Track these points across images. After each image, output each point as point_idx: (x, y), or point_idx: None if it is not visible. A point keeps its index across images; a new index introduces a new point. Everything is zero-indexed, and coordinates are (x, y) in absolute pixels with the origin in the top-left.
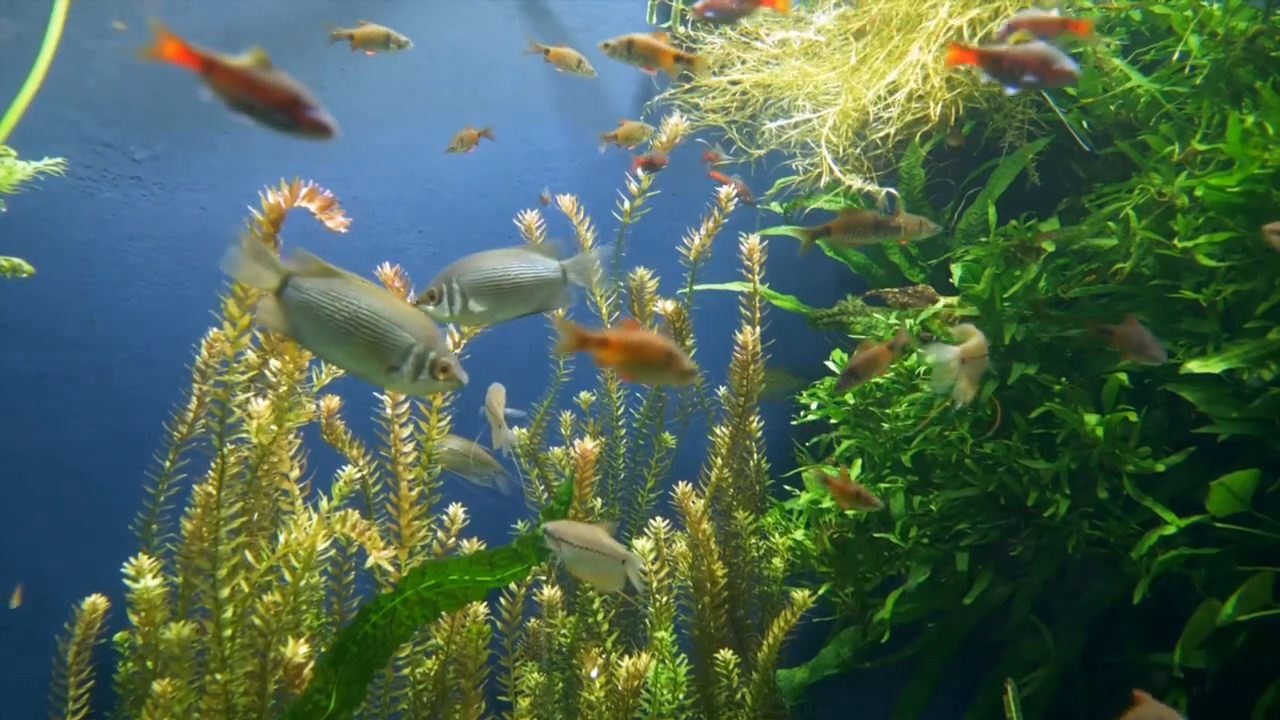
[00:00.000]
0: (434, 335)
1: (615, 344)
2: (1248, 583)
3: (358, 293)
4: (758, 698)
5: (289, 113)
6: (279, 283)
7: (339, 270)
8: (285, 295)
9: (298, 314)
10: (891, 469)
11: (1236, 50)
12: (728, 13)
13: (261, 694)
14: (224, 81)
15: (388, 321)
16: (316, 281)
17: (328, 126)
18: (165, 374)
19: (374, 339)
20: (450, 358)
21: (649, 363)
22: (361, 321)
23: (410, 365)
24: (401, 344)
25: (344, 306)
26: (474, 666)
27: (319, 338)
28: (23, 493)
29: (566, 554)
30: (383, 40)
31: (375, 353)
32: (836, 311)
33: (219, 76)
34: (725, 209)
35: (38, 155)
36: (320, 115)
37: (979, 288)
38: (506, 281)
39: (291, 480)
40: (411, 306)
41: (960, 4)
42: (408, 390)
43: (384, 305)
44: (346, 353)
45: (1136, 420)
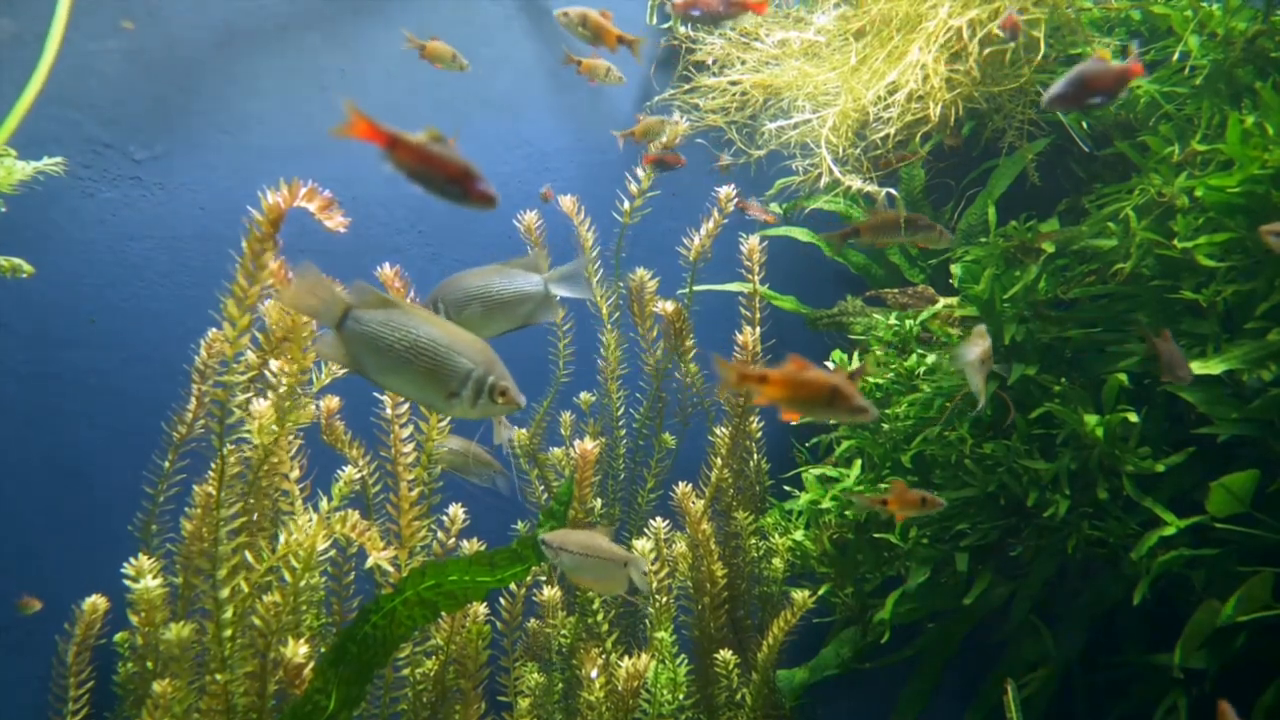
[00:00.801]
0: (491, 359)
1: (776, 381)
2: (1247, 583)
3: (416, 321)
4: (757, 698)
5: (461, 185)
6: (339, 316)
7: (397, 300)
8: (345, 328)
9: (358, 346)
10: (891, 469)
11: (1236, 51)
12: (712, 15)
13: (261, 694)
14: (404, 156)
15: (446, 349)
16: (375, 313)
17: (493, 198)
18: (165, 374)
19: (433, 366)
20: (508, 380)
21: (814, 399)
22: (421, 350)
23: (470, 390)
24: (461, 370)
25: (403, 336)
26: (474, 667)
27: (380, 368)
28: (23, 493)
29: (566, 562)
30: (449, 57)
31: (435, 380)
32: (836, 312)
33: (400, 152)
34: (725, 209)
35: (38, 155)
36: (487, 188)
37: (979, 288)
38: (489, 298)
39: (291, 480)
40: (468, 333)
41: (960, 4)
42: (469, 415)
43: (441, 333)
44: (407, 381)
45: (1136, 420)
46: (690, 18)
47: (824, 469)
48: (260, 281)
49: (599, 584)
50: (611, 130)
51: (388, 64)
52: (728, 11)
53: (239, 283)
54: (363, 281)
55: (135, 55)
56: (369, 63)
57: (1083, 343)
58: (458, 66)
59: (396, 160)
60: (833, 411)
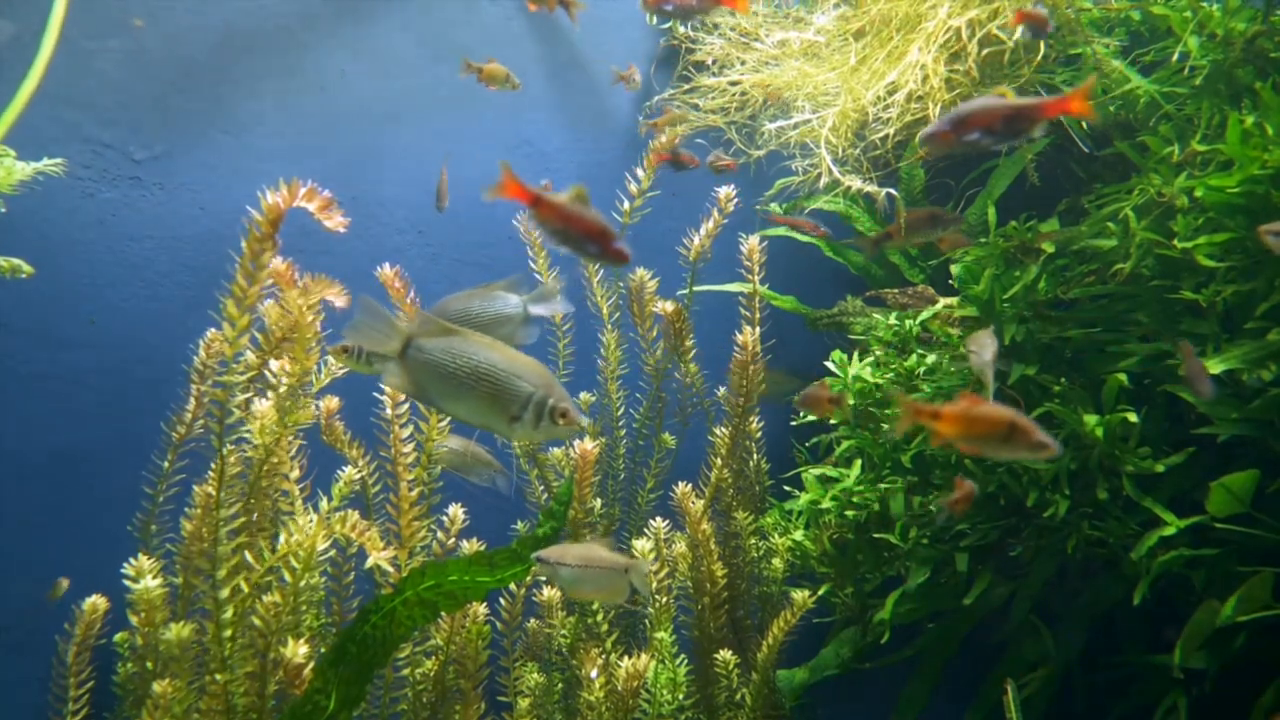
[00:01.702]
0: (551, 382)
1: (950, 417)
2: (1247, 583)
3: (476, 348)
4: (757, 698)
5: (599, 243)
6: (401, 345)
7: (456, 328)
8: (409, 357)
9: (421, 374)
10: (891, 469)
11: (1236, 51)
12: (687, 9)
13: (261, 694)
14: (547, 214)
15: (507, 373)
16: (436, 341)
17: (628, 256)
18: (165, 374)
19: (495, 391)
20: (569, 402)
21: (991, 435)
22: (482, 375)
23: (531, 413)
24: (522, 393)
25: (465, 363)
26: (474, 667)
27: (444, 394)
28: (23, 493)
29: (565, 577)
30: (503, 78)
31: (497, 404)
32: (836, 312)
33: (544, 211)
34: (725, 209)
35: (37, 155)
36: (622, 246)
37: (979, 288)
38: (469, 321)
39: (291, 481)
40: (527, 356)
41: (960, 5)
42: (531, 437)
43: (502, 358)
44: (470, 407)
45: (1136, 421)
46: (664, 11)
47: (824, 469)
48: (260, 281)
49: (601, 594)
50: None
51: (388, 64)
52: (700, 6)
53: (238, 283)
54: (424, 311)
55: (135, 55)
56: (369, 63)
57: (1083, 343)
58: (510, 86)
59: (539, 218)
60: (1011, 448)
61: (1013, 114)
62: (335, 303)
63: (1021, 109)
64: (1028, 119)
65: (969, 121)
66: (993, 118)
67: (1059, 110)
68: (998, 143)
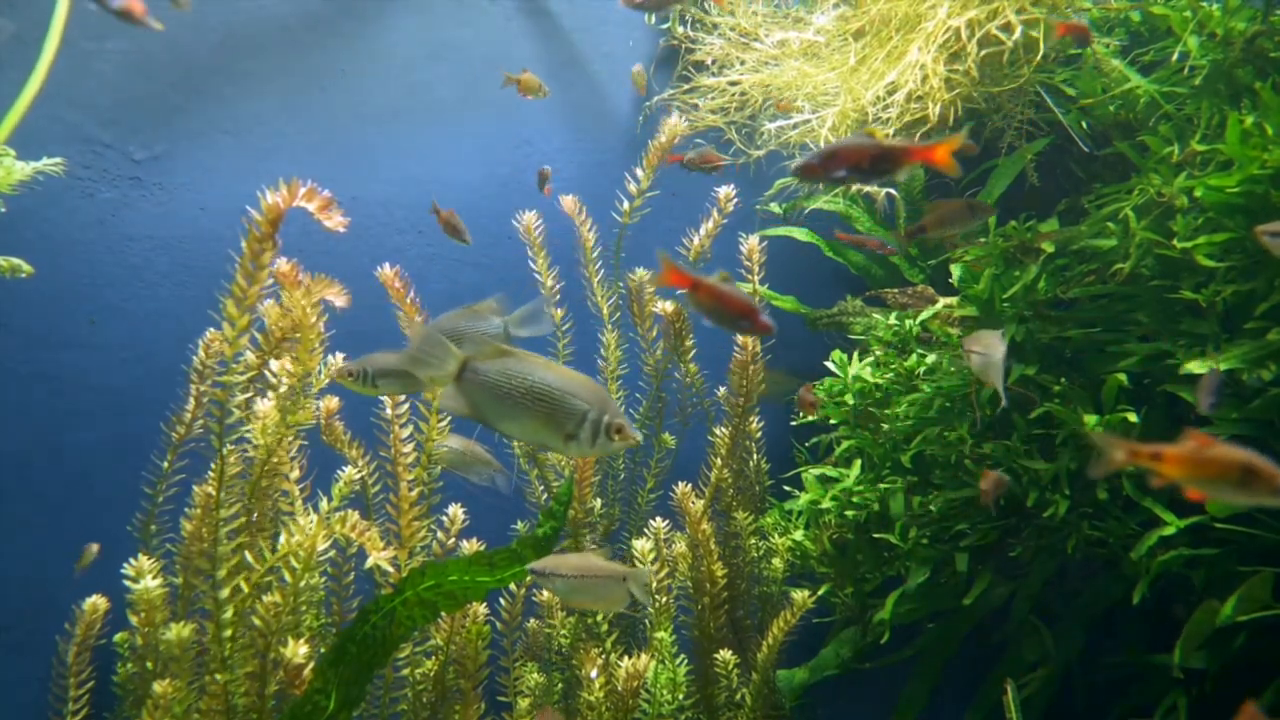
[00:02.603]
0: (605, 399)
1: (1176, 459)
2: (1247, 583)
3: (530, 368)
4: (757, 698)
5: (748, 318)
6: (458, 369)
7: (511, 349)
8: (465, 379)
9: (478, 396)
10: (891, 469)
11: (1235, 51)
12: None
13: (261, 694)
14: (703, 296)
15: (561, 392)
16: (492, 363)
17: (773, 329)
18: (165, 374)
19: (551, 410)
20: (622, 418)
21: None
22: (538, 395)
23: (587, 431)
24: (577, 412)
25: (520, 383)
26: (473, 667)
27: (501, 415)
28: (23, 493)
29: (561, 587)
30: (537, 87)
31: (553, 423)
32: (836, 312)
33: (700, 292)
34: (725, 209)
35: (37, 155)
36: (766, 319)
37: (979, 288)
38: (456, 339)
39: (291, 481)
40: (580, 374)
41: (959, 5)
42: (587, 454)
43: (556, 377)
44: (526, 426)
45: (1136, 420)
46: (635, 5)
47: (824, 469)
48: (260, 281)
49: (598, 603)
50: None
51: (387, 64)
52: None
53: (238, 283)
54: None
55: (135, 55)
56: (368, 63)
57: (1082, 342)
58: (542, 94)
59: (695, 299)
60: (1248, 493)
61: (880, 155)
62: (335, 303)
63: (888, 151)
64: (893, 161)
65: (839, 157)
66: (861, 156)
67: (922, 157)
68: (864, 181)
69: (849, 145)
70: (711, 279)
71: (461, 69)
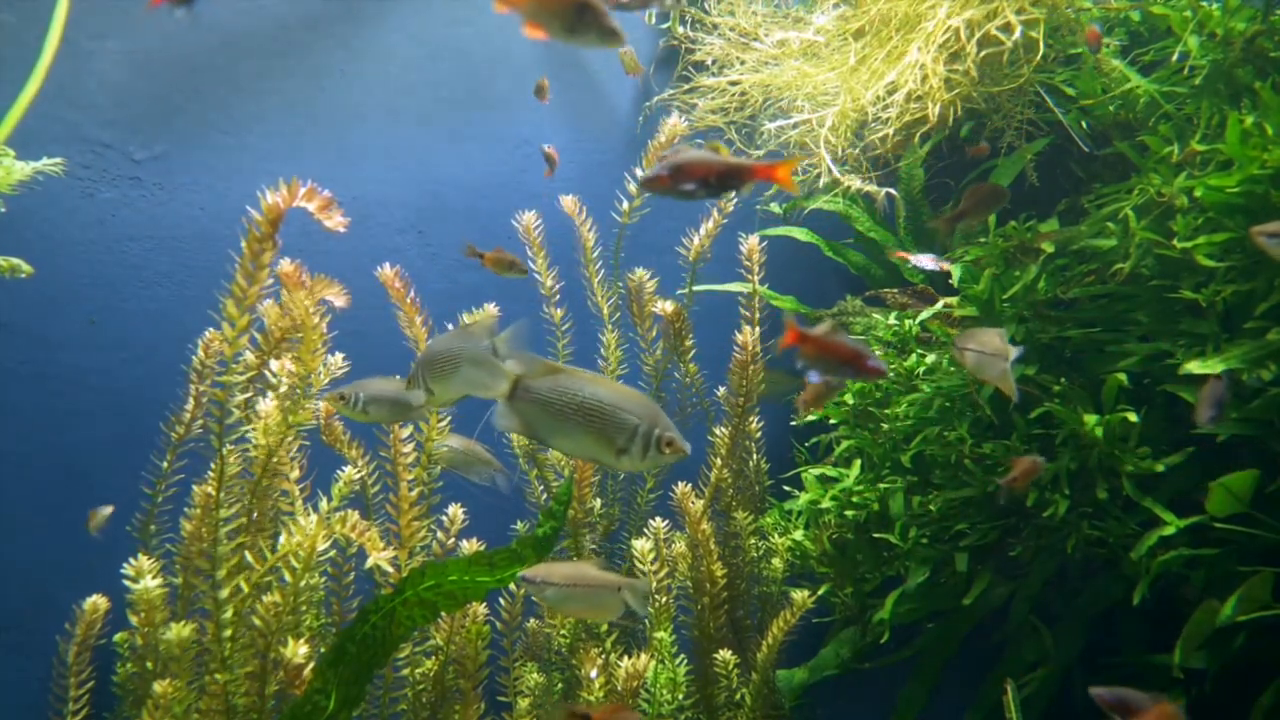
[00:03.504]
0: (655, 412)
1: None
2: (1247, 583)
3: (581, 384)
4: (757, 698)
5: (855, 365)
6: (510, 388)
7: (561, 366)
8: (517, 397)
9: (530, 413)
10: (891, 469)
11: (1235, 51)
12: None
13: (261, 694)
14: (811, 348)
15: (612, 407)
16: (543, 381)
17: (884, 371)
18: (165, 374)
19: (602, 425)
20: (673, 431)
21: None
22: (589, 411)
23: (638, 445)
24: (628, 426)
25: (571, 399)
26: (473, 667)
27: (552, 431)
28: (23, 493)
29: (552, 596)
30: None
31: (605, 438)
32: (836, 312)
33: (808, 345)
34: (725, 209)
35: (37, 155)
36: (876, 363)
37: (978, 288)
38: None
39: (291, 481)
40: (630, 388)
41: (959, 5)
42: (638, 468)
43: (607, 392)
44: (578, 442)
45: (1136, 420)
46: (621, 5)
47: (823, 469)
48: (260, 281)
49: (591, 612)
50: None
51: (387, 64)
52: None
53: (238, 283)
54: (527, 352)
55: (135, 55)
56: (368, 63)
57: (1082, 342)
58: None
59: (805, 352)
60: None
61: (725, 170)
62: (335, 302)
63: (732, 167)
64: (737, 177)
65: (686, 170)
66: (709, 171)
67: (765, 175)
68: (709, 195)
69: (697, 160)
70: (817, 331)
71: (461, 69)
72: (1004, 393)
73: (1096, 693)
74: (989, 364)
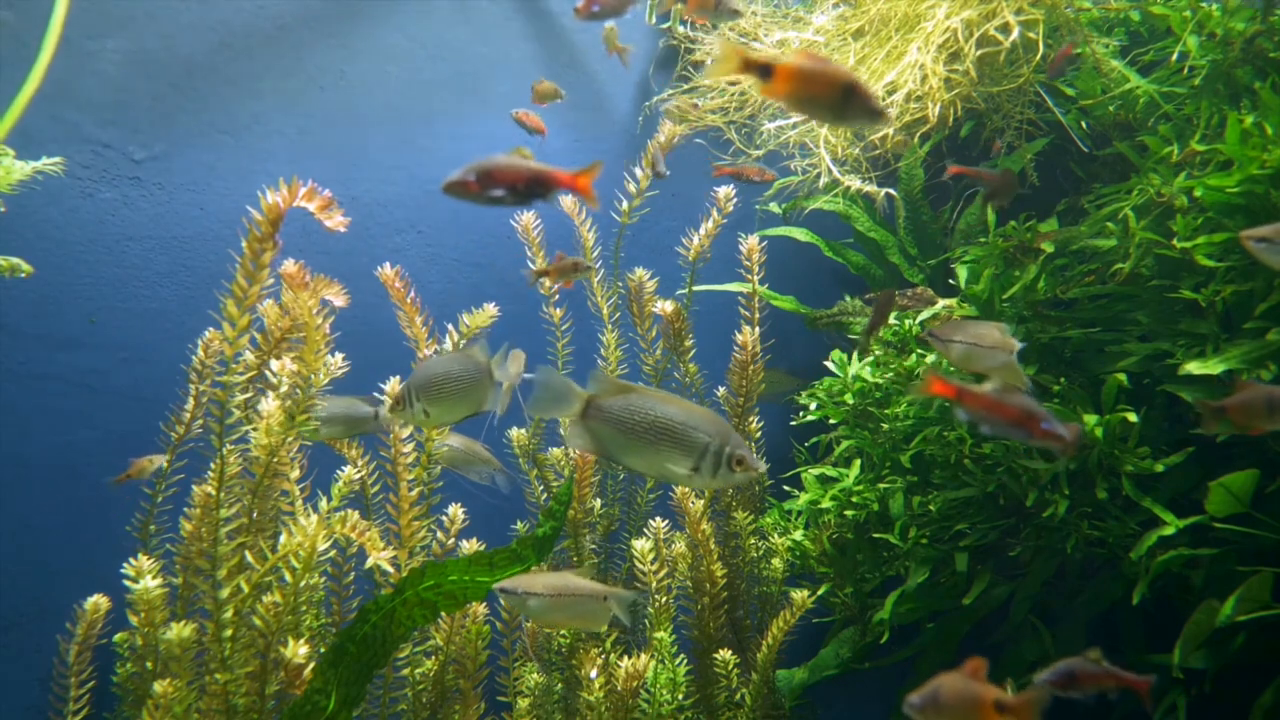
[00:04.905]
0: (726, 431)
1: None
2: (1246, 583)
3: (653, 403)
4: (757, 698)
5: (1027, 426)
6: (582, 408)
7: (632, 385)
8: (589, 417)
9: (602, 433)
10: (890, 469)
11: (1235, 51)
12: (611, 6)
13: (261, 694)
14: (972, 403)
15: (684, 426)
16: (615, 400)
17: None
18: (165, 374)
19: (674, 444)
20: (744, 449)
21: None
22: (661, 430)
23: (709, 463)
24: (699, 444)
25: (643, 419)
26: (473, 667)
27: (624, 450)
28: (23, 493)
29: (535, 606)
30: (553, 92)
31: (677, 457)
32: (835, 312)
33: (968, 400)
34: (724, 209)
35: (37, 155)
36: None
37: (978, 288)
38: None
39: (291, 481)
40: (701, 407)
41: (958, 5)
42: (710, 486)
43: (678, 411)
44: (650, 460)
45: (1135, 421)
46: (593, 15)
47: (823, 469)
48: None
49: (576, 621)
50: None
51: (386, 64)
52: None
53: (239, 283)
54: (597, 370)
55: (135, 55)
56: (368, 63)
57: (1082, 342)
58: (558, 98)
59: (965, 408)
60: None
61: (534, 178)
62: (335, 302)
63: (538, 174)
64: (545, 185)
65: (493, 175)
66: (517, 177)
67: (569, 184)
68: (516, 202)
69: (505, 166)
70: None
71: (461, 69)
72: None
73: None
74: (985, 356)
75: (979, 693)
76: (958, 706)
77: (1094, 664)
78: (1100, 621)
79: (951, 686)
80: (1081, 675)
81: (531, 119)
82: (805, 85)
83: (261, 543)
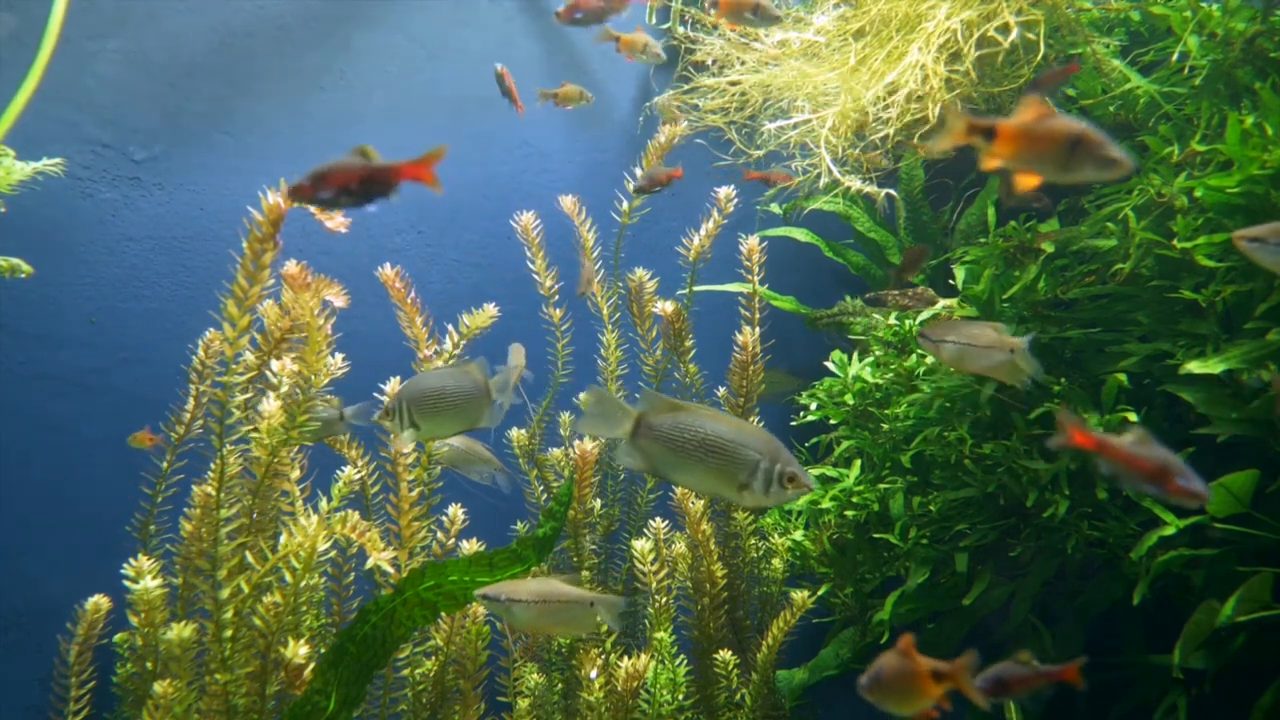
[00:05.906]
0: (777, 447)
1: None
2: (1247, 584)
3: (702, 420)
4: (757, 698)
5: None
6: (632, 427)
7: (682, 403)
8: (640, 435)
9: (653, 450)
10: (891, 470)
11: (1235, 51)
12: (594, 13)
13: (261, 695)
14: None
15: (734, 443)
16: (665, 418)
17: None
18: (165, 375)
19: (725, 461)
20: (795, 466)
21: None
22: (711, 447)
23: (760, 480)
24: (750, 461)
25: (693, 436)
26: (473, 667)
27: (675, 467)
28: (23, 493)
29: (520, 614)
30: (578, 96)
31: (727, 474)
32: (836, 312)
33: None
34: (725, 209)
35: (37, 155)
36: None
37: (978, 288)
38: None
39: (292, 481)
40: (751, 425)
41: (959, 6)
42: (761, 504)
43: (728, 428)
44: (700, 478)
45: (1136, 421)
46: (575, 21)
47: (824, 469)
48: (260, 281)
49: (562, 628)
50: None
51: (386, 64)
52: (609, 6)
53: (239, 283)
54: (647, 389)
55: (135, 55)
56: (368, 63)
57: (1082, 343)
58: (584, 101)
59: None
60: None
61: (368, 175)
62: (335, 303)
63: (376, 171)
64: (383, 181)
65: (327, 179)
66: (350, 177)
67: (410, 175)
68: (357, 203)
69: (338, 167)
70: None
71: (461, 69)
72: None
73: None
74: (980, 356)
75: (916, 665)
76: (900, 680)
77: (1024, 666)
78: (1100, 622)
79: (890, 664)
80: (1012, 680)
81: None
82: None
83: (262, 543)
